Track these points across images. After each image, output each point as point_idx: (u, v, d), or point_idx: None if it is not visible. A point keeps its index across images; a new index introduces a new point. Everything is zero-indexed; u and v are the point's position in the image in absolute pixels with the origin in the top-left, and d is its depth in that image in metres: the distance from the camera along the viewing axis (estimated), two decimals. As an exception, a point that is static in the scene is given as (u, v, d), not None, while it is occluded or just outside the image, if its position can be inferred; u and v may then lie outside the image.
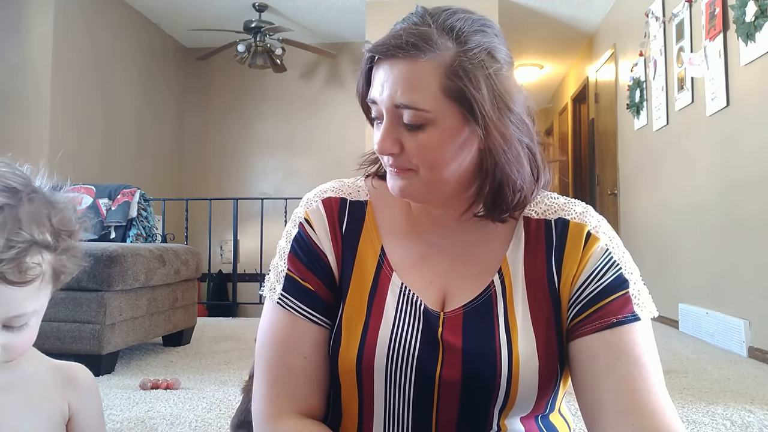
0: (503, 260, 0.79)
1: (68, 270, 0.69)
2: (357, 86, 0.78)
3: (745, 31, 2.92)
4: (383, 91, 0.71)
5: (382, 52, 0.71)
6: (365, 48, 0.74)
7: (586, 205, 0.83)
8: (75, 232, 0.69)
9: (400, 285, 0.79)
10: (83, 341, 2.43)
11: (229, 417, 1.91)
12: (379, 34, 0.75)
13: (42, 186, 0.69)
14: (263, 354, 0.79)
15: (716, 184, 3.39)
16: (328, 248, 0.81)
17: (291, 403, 0.77)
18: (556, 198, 0.83)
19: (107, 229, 3.47)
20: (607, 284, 0.75)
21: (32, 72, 4.64)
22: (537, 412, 0.77)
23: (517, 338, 0.74)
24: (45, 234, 0.64)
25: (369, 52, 0.73)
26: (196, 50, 6.68)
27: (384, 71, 0.71)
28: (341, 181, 0.87)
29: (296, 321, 0.78)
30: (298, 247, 0.82)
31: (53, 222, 0.66)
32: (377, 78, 0.72)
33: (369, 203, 0.84)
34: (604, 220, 0.82)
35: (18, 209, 0.63)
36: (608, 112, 5.56)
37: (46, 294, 0.68)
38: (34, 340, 0.69)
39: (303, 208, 0.85)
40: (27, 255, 0.62)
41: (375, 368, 0.75)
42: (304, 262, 0.81)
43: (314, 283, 0.80)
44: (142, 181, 5.23)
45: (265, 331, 0.80)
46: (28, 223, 0.63)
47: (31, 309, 0.65)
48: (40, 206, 0.66)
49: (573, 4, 5.37)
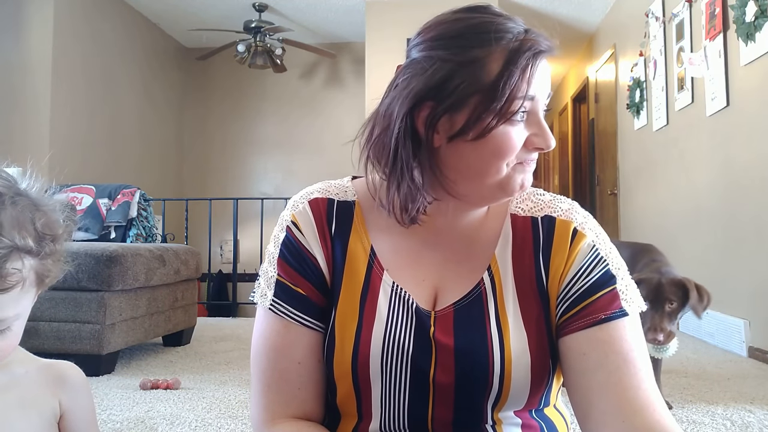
0: (492, 258, 0.79)
1: (52, 274, 0.68)
2: (510, 83, 0.69)
3: (745, 31, 2.92)
4: (543, 84, 0.73)
5: (548, 50, 0.73)
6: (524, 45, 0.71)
7: (572, 202, 0.83)
8: (59, 237, 0.68)
9: (391, 284, 0.78)
10: (83, 341, 2.43)
11: (229, 417, 1.91)
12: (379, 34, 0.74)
13: (29, 188, 0.68)
14: (257, 361, 0.79)
15: (716, 184, 3.39)
16: (317, 251, 0.80)
17: (286, 408, 0.77)
18: (543, 194, 0.83)
19: (107, 229, 3.47)
20: (594, 281, 0.75)
21: (32, 72, 4.64)
22: (531, 406, 0.77)
23: (509, 335, 0.74)
24: (27, 239, 0.63)
25: (534, 50, 0.71)
26: (196, 50, 6.68)
27: (542, 67, 0.73)
28: (327, 183, 0.86)
29: (289, 327, 0.78)
30: (287, 252, 0.80)
31: (37, 226, 0.65)
32: (538, 73, 0.72)
33: (357, 203, 0.83)
34: (591, 216, 0.82)
35: (0, 213, 0.62)
36: (608, 112, 5.56)
37: (30, 298, 0.67)
38: (17, 344, 0.68)
39: (290, 211, 0.83)
40: (8, 261, 0.61)
41: (370, 369, 0.75)
42: (294, 267, 0.79)
43: (305, 287, 0.79)
44: (142, 181, 5.24)
45: (258, 338, 0.80)
46: (9, 228, 0.62)
47: (13, 314, 0.65)
48: (24, 210, 0.64)
49: (573, 4, 5.37)
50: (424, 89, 0.71)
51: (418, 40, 0.75)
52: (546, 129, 0.73)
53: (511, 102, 0.69)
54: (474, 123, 0.70)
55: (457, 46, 0.71)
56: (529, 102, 0.71)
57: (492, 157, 0.71)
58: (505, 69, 0.69)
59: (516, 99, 0.70)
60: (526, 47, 0.70)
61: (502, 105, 0.69)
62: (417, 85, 0.71)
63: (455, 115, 0.71)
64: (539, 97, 0.72)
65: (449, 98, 0.70)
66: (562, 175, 7.51)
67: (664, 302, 1.95)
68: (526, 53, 0.70)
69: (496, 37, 0.70)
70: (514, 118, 0.70)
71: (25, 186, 0.68)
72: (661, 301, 1.95)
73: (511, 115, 0.70)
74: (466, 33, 0.71)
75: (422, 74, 0.72)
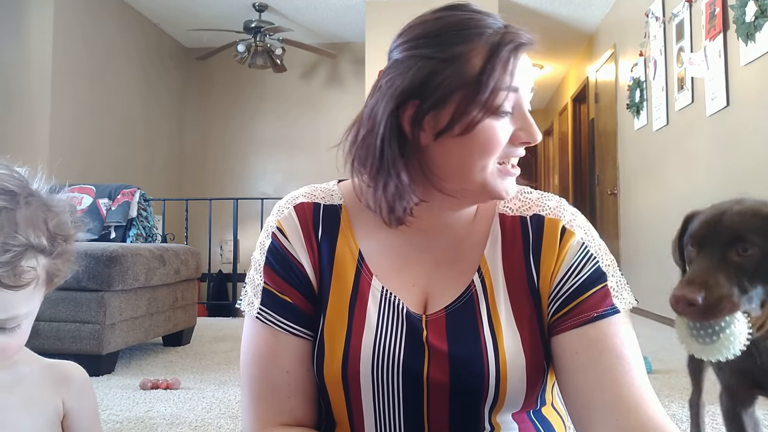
0: (482, 259, 0.78)
1: (62, 273, 0.69)
2: (494, 75, 0.70)
3: (745, 31, 2.92)
4: (527, 79, 0.73)
5: (528, 43, 0.73)
6: (505, 39, 0.71)
7: (560, 199, 0.83)
8: (70, 237, 0.69)
9: (381, 289, 0.77)
10: (83, 341, 2.43)
11: (229, 417, 1.91)
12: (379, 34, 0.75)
13: (39, 188, 0.69)
14: (247, 370, 0.78)
15: (716, 184, 3.39)
16: (303, 257, 0.79)
17: (277, 417, 0.76)
18: (530, 192, 0.83)
19: (107, 229, 3.47)
20: (585, 279, 0.75)
21: (32, 72, 4.64)
22: (528, 407, 0.77)
23: (502, 337, 0.74)
24: (41, 238, 0.64)
25: (516, 43, 0.71)
26: (196, 50, 6.68)
27: (525, 60, 0.74)
28: (313, 187, 0.85)
29: (277, 335, 0.77)
30: (273, 259, 0.79)
31: (49, 226, 0.66)
32: (520, 66, 0.72)
33: (343, 207, 0.82)
34: (579, 212, 0.82)
35: (15, 212, 0.63)
36: (608, 112, 5.56)
37: (39, 296, 0.68)
38: (25, 342, 0.69)
39: (275, 217, 0.82)
40: (23, 259, 0.62)
41: (361, 376, 0.74)
42: (280, 274, 0.78)
43: (292, 295, 0.78)
44: (142, 181, 5.23)
45: (247, 347, 0.79)
46: (24, 226, 0.63)
47: (24, 312, 0.65)
48: (37, 210, 0.65)
49: (573, 4, 5.37)
50: (408, 88, 0.71)
51: (400, 41, 0.75)
52: (531, 122, 0.73)
53: (496, 94, 0.70)
54: (460, 118, 0.70)
55: (439, 43, 0.71)
56: (513, 94, 0.71)
57: (478, 152, 0.71)
58: (488, 62, 0.70)
59: (500, 91, 0.70)
60: (507, 40, 0.71)
61: (487, 97, 0.69)
62: (401, 84, 0.72)
63: (440, 112, 0.71)
64: (523, 90, 0.73)
65: (433, 95, 0.70)
66: (562, 175, 7.51)
67: (726, 244, 0.93)
68: (508, 46, 0.71)
69: (476, 32, 0.71)
70: (500, 110, 0.71)
71: (36, 186, 0.68)
72: (719, 239, 0.94)
73: (497, 108, 0.70)
74: (448, 30, 0.72)
75: (406, 73, 0.72)
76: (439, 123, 0.71)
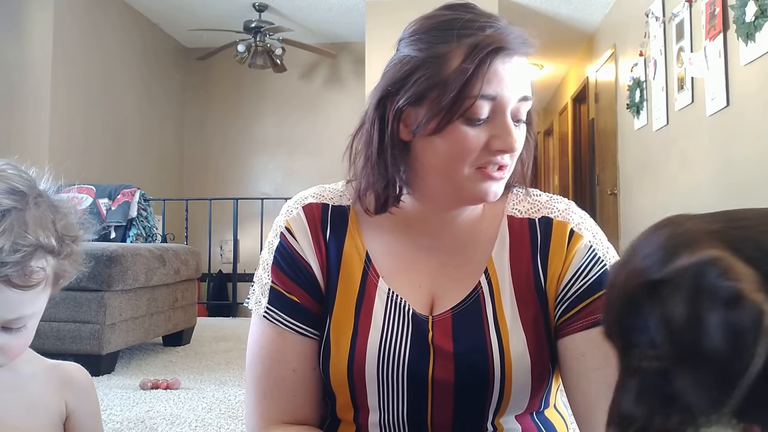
0: (489, 261, 0.78)
1: (68, 275, 0.69)
2: (462, 79, 0.68)
3: (745, 31, 2.92)
4: (512, 85, 0.70)
5: (512, 48, 0.70)
6: (483, 42, 0.69)
7: (568, 202, 0.83)
8: (78, 238, 0.70)
9: (387, 291, 0.78)
10: (83, 341, 2.43)
11: (229, 417, 1.91)
12: (379, 34, 0.76)
13: (46, 189, 0.69)
14: (252, 368, 0.79)
15: (716, 184, 3.39)
16: (311, 257, 0.79)
17: (281, 415, 0.77)
18: (539, 195, 0.83)
19: (107, 229, 3.47)
20: (592, 281, 0.75)
21: (32, 72, 4.64)
22: (532, 409, 0.77)
23: (508, 338, 0.74)
24: (50, 238, 0.64)
25: (493, 47, 0.69)
26: (196, 50, 6.68)
27: (513, 65, 0.71)
28: (322, 187, 0.86)
29: (283, 334, 0.77)
30: (281, 258, 0.80)
31: (58, 227, 0.66)
32: (504, 72, 0.69)
33: (352, 208, 0.82)
34: (588, 215, 0.82)
35: (25, 213, 0.63)
36: (608, 112, 5.56)
37: (45, 297, 0.68)
38: (30, 342, 0.69)
39: (283, 217, 0.82)
40: (32, 259, 0.62)
41: (366, 377, 0.74)
42: (287, 274, 0.79)
43: (299, 294, 0.78)
44: (142, 181, 5.22)
45: (253, 345, 0.80)
46: (34, 227, 0.63)
47: (30, 312, 0.65)
48: (46, 210, 0.66)
49: (573, 4, 5.37)
50: (391, 82, 0.73)
51: (400, 37, 0.77)
52: (509, 130, 0.71)
53: (464, 100, 0.68)
54: (430, 118, 0.70)
55: (425, 42, 0.72)
56: (487, 102, 0.69)
57: (450, 155, 0.71)
58: (461, 66, 0.69)
59: (468, 97, 0.68)
60: (486, 43, 0.69)
61: (453, 102, 0.69)
62: (389, 78, 0.73)
63: (419, 110, 0.71)
64: (505, 98, 0.70)
65: (410, 91, 0.71)
66: (562, 175, 7.51)
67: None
68: (485, 50, 0.69)
69: (459, 33, 0.70)
70: (470, 116, 0.69)
71: (43, 187, 0.69)
72: None
73: (464, 113, 0.69)
74: (435, 29, 0.72)
75: (395, 68, 0.73)
76: (416, 120, 0.72)
